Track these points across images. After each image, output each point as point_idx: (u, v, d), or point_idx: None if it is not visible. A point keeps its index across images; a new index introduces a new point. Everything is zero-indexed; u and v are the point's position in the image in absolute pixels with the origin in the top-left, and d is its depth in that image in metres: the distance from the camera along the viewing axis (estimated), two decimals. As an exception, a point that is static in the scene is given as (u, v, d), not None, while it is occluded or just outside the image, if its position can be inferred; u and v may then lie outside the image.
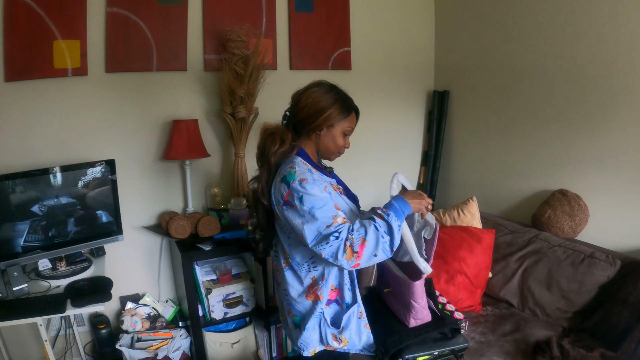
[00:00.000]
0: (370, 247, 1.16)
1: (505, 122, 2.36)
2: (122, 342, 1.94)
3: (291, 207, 1.21)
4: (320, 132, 1.32)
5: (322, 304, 1.31)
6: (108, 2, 1.97)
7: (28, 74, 1.89)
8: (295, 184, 1.20)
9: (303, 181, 1.20)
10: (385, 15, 2.58)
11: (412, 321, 1.46)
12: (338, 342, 1.34)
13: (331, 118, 1.30)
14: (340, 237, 1.15)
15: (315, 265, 1.32)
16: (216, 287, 2.00)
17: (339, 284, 1.34)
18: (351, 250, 1.15)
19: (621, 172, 1.87)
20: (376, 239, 1.16)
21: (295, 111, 1.33)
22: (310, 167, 1.29)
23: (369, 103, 2.62)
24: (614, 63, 1.84)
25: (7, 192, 1.68)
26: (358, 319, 1.37)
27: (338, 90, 1.34)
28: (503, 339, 1.77)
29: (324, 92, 1.31)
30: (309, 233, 1.17)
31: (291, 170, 1.24)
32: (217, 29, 2.15)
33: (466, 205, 2.16)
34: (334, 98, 1.30)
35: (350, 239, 1.16)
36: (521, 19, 2.20)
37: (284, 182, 1.23)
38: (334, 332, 1.33)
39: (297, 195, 1.19)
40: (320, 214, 1.18)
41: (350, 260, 1.16)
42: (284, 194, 1.22)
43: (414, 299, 1.42)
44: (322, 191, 1.22)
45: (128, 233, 2.10)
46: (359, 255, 1.15)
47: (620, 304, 1.66)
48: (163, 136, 2.14)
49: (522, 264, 1.98)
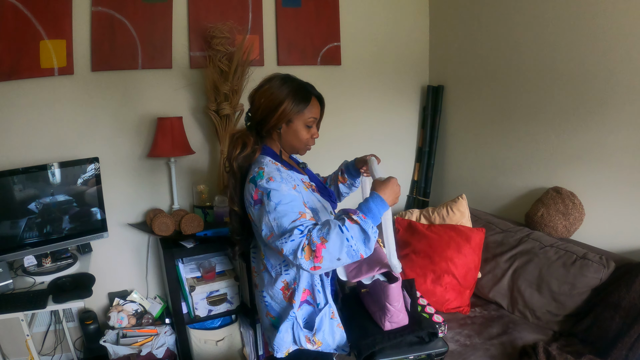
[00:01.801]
0: (331, 249, 1.07)
1: (500, 118, 2.28)
2: (107, 338, 1.97)
3: (261, 205, 1.19)
4: (280, 129, 1.27)
5: (295, 307, 1.29)
6: (93, 2, 1.98)
7: (15, 74, 1.92)
8: (262, 182, 1.19)
9: (270, 179, 1.19)
10: (377, 9, 2.51)
11: (387, 324, 1.43)
12: (312, 344, 1.33)
13: (286, 113, 1.24)
14: (303, 234, 1.09)
15: (287, 269, 1.30)
16: (200, 284, 2.00)
17: (310, 286, 1.32)
18: (309, 249, 1.07)
19: (618, 170, 1.77)
20: (340, 241, 1.07)
21: (252, 112, 1.30)
22: (279, 166, 1.27)
23: (360, 98, 2.57)
24: (610, 59, 1.74)
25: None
26: (330, 319, 1.35)
27: (291, 81, 1.27)
28: (489, 342, 1.71)
29: (276, 88, 1.24)
30: (274, 226, 1.13)
31: (259, 170, 1.22)
32: (203, 25, 2.14)
33: (455, 203, 2.10)
34: (286, 91, 1.24)
35: (309, 237, 1.08)
36: (517, 13, 2.11)
37: (252, 182, 1.22)
38: (307, 334, 1.31)
39: (266, 192, 1.17)
40: (287, 208, 1.14)
41: (308, 261, 1.07)
42: (253, 193, 1.21)
43: (389, 302, 1.38)
44: (290, 189, 1.18)
45: (115, 230, 2.12)
46: (316, 256, 1.07)
47: (612, 308, 1.58)
48: (149, 134, 2.14)
49: (512, 265, 1.91)
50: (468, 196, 2.17)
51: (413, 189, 2.76)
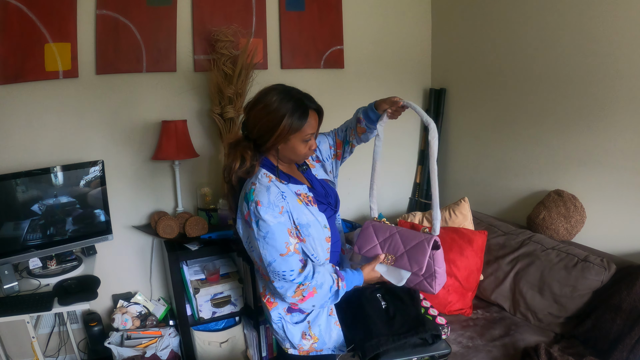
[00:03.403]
0: (316, 299, 1.24)
1: (501, 121, 2.30)
2: (112, 340, 1.98)
3: (249, 228, 1.21)
4: (279, 147, 1.25)
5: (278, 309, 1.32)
6: (98, 5, 1.99)
7: (21, 77, 1.93)
8: (252, 206, 1.19)
9: (258, 204, 1.18)
10: (380, 12, 2.53)
11: (437, 287, 1.45)
12: (308, 340, 1.33)
13: (284, 135, 1.20)
14: (293, 280, 1.20)
15: None
16: (204, 286, 2.01)
17: None
18: (300, 293, 1.22)
19: (619, 173, 1.79)
20: (324, 297, 1.25)
21: (249, 129, 1.25)
22: (272, 182, 1.24)
23: (363, 101, 2.55)
24: (612, 62, 1.76)
25: None
26: (328, 315, 1.36)
27: (288, 98, 1.20)
28: (491, 344, 1.72)
29: (273, 107, 1.18)
30: (265, 258, 1.20)
31: (252, 187, 1.21)
32: (207, 29, 2.15)
33: (458, 206, 2.11)
34: (282, 112, 1.17)
35: (305, 286, 1.21)
36: (518, 16, 2.13)
37: (245, 201, 1.22)
38: (303, 329, 1.33)
39: (254, 219, 1.19)
40: (274, 242, 1.18)
41: (294, 299, 1.22)
42: (245, 213, 1.22)
43: (438, 266, 1.42)
44: (275, 216, 1.19)
45: (120, 232, 2.13)
46: (303, 299, 1.22)
47: (613, 311, 1.59)
48: (153, 136, 2.16)
49: (514, 267, 1.93)
50: (470, 198, 2.19)
51: (415, 191, 2.77)
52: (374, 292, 1.67)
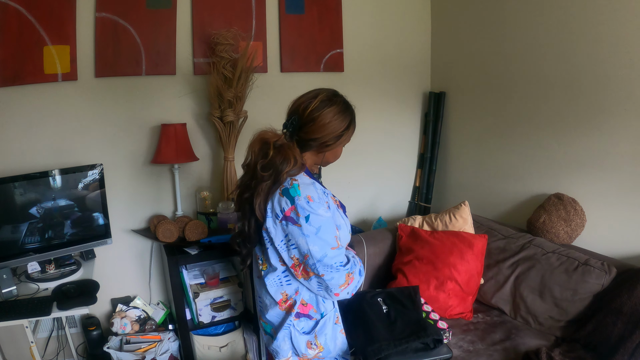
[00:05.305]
0: (355, 282, 1.27)
1: (501, 124, 2.30)
2: (111, 344, 1.96)
3: (293, 224, 1.17)
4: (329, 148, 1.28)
5: (292, 315, 1.29)
6: (97, 7, 1.98)
7: (19, 80, 1.92)
8: (301, 201, 1.16)
9: (309, 199, 1.16)
10: (380, 16, 2.53)
11: None
12: (313, 350, 1.32)
13: (345, 139, 1.28)
14: (346, 268, 1.23)
15: (289, 281, 1.30)
16: (204, 290, 2.00)
17: (312, 298, 1.32)
18: (347, 282, 1.23)
19: (619, 176, 1.80)
20: (360, 279, 1.29)
21: (308, 129, 1.22)
22: (312, 180, 1.25)
23: (363, 105, 2.53)
24: (612, 65, 1.77)
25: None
26: (334, 324, 1.36)
27: (350, 108, 1.28)
28: (492, 347, 1.72)
29: (340, 113, 1.23)
30: (315, 253, 1.18)
31: (294, 183, 1.18)
32: (206, 32, 2.15)
33: (458, 210, 2.11)
34: (349, 119, 1.25)
35: (353, 273, 1.25)
36: (518, 20, 2.14)
37: (287, 196, 1.17)
38: (309, 339, 1.31)
39: (303, 214, 1.16)
40: (326, 235, 1.18)
41: (340, 288, 1.23)
42: (286, 209, 1.17)
43: None
44: (326, 210, 1.20)
45: (119, 236, 2.12)
46: (347, 286, 1.25)
47: (614, 314, 1.59)
48: (152, 140, 2.15)
49: (514, 271, 1.93)
50: (470, 202, 2.18)
51: (415, 195, 2.77)
52: (374, 297, 1.67)
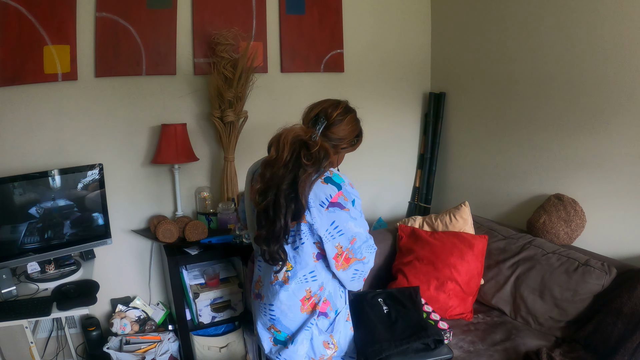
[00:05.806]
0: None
1: (501, 125, 2.30)
2: (110, 345, 1.96)
3: (341, 209, 1.22)
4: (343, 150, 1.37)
5: (315, 315, 1.30)
6: (97, 7, 1.98)
7: (19, 79, 1.92)
8: (347, 186, 1.24)
9: (351, 185, 1.26)
10: (380, 16, 2.54)
11: None
12: (330, 349, 1.33)
13: (357, 145, 1.39)
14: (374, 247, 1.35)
15: (315, 277, 1.30)
16: (204, 291, 2.00)
17: (331, 294, 1.33)
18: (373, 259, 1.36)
19: (619, 177, 1.80)
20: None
21: (335, 129, 1.31)
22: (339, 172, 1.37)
23: (363, 105, 2.52)
24: (612, 66, 1.77)
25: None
26: (345, 321, 1.38)
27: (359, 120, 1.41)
28: (492, 348, 1.72)
29: (357, 121, 1.38)
30: (362, 235, 1.28)
31: (334, 170, 1.27)
32: (207, 32, 2.15)
33: (458, 211, 2.11)
34: (360, 128, 1.39)
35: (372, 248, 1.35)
36: (518, 21, 2.14)
37: (331, 183, 1.22)
38: (325, 339, 1.32)
39: (350, 198, 1.23)
40: (364, 218, 1.30)
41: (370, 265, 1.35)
42: (333, 195, 1.21)
43: None
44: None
45: (119, 236, 2.11)
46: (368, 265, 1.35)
47: (615, 315, 1.59)
48: (153, 140, 2.14)
49: (514, 271, 1.93)
50: (470, 203, 2.18)
51: (414, 195, 2.77)
52: (375, 297, 1.67)
